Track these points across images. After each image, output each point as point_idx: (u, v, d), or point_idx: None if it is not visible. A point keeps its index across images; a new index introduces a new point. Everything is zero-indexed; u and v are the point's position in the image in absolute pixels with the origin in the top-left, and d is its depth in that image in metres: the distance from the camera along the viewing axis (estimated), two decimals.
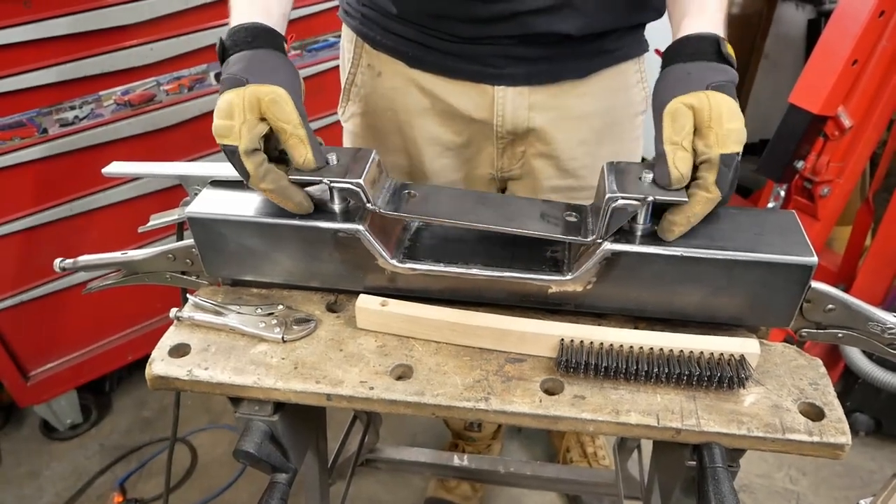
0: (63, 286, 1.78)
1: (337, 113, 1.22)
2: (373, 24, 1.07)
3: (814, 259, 0.71)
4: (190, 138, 1.82)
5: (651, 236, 0.74)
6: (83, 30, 1.54)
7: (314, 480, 1.08)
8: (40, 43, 1.50)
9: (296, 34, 1.88)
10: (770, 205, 1.98)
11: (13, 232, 1.65)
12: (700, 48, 0.75)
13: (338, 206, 0.79)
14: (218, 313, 0.83)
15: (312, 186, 0.78)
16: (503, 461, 1.55)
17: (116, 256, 0.88)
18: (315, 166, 0.74)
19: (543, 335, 0.76)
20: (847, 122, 1.76)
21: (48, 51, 1.52)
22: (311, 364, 0.77)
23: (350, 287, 0.85)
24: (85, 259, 0.88)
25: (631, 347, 0.74)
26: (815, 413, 0.70)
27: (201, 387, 0.77)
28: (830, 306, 0.75)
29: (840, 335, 0.77)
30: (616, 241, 0.73)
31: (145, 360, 0.80)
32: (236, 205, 0.81)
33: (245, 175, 0.74)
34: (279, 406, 0.79)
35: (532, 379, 0.75)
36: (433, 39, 1.02)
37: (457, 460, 1.55)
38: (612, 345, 0.74)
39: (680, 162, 0.68)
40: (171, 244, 0.87)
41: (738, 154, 0.68)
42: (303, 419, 0.87)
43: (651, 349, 0.74)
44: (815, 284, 0.73)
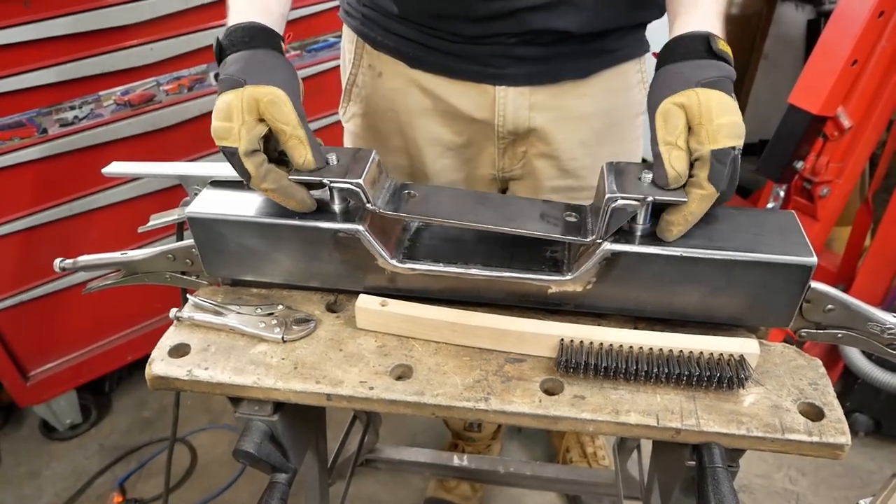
0: (63, 286, 1.78)
1: (337, 113, 1.22)
2: (373, 25, 1.07)
3: (813, 259, 0.71)
4: (190, 138, 1.82)
5: (651, 236, 0.74)
6: (83, 30, 1.54)
7: (314, 480, 1.08)
8: (40, 43, 1.50)
9: (295, 34, 1.88)
10: (769, 205, 1.98)
11: (13, 232, 1.65)
12: (691, 47, 0.74)
13: (338, 207, 0.79)
14: (218, 313, 0.83)
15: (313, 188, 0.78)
16: (503, 461, 1.55)
17: (116, 256, 0.88)
18: (315, 167, 0.74)
19: (543, 335, 0.76)
20: (846, 123, 1.77)
21: (48, 51, 1.52)
22: (311, 364, 0.77)
23: (350, 287, 0.85)
24: (85, 259, 0.88)
25: (631, 347, 0.74)
26: (815, 413, 0.70)
27: (201, 387, 0.77)
28: (830, 306, 0.75)
29: (839, 335, 0.77)
30: (616, 242, 0.73)
31: (145, 360, 0.80)
32: (236, 205, 0.81)
33: (246, 176, 0.74)
34: (279, 406, 0.79)
35: (532, 379, 0.75)
36: (434, 39, 1.02)
37: (456, 460, 1.55)
38: (612, 345, 0.74)
39: (675, 161, 0.68)
40: (171, 244, 0.87)
41: (735, 148, 0.67)
42: (302, 419, 0.87)
43: (651, 349, 0.74)
44: (815, 284, 0.73)
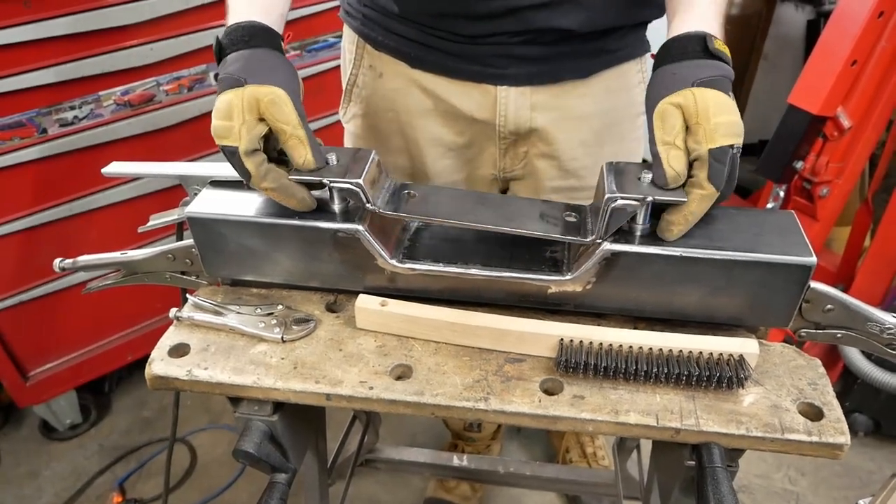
0: (63, 286, 1.78)
1: (337, 113, 1.22)
2: (374, 25, 1.07)
3: (813, 259, 0.71)
4: (190, 138, 1.82)
5: (650, 236, 0.74)
6: (83, 30, 1.54)
7: (313, 480, 1.08)
8: (40, 43, 1.50)
9: (295, 34, 1.88)
10: (769, 205, 1.98)
11: (13, 232, 1.65)
12: (687, 48, 0.74)
13: (337, 207, 0.79)
14: (217, 313, 0.83)
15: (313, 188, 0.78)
16: (503, 461, 1.55)
17: (116, 256, 0.88)
18: (315, 167, 0.74)
19: (543, 335, 0.76)
20: (846, 123, 1.77)
21: (48, 51, 1.52)
22: (311, 364, 0.77)
23: (350, 287, 0.85)
24: (84, 259, 0.88)
25: (630, 347, 0.74)
26: (814, 413, 0.70)
27: (201, 387, 0.77)
28: (829, 306, 0.75)
29: (839, 335, 0.76)
30: (615, 242, 0.73)
31: (145, 360, 0.80)
32: (236, 205, 0.81)
33: (246, 175, 0.74)
34: (278, 406, 0.79)
35: (531, 379, 0.75)
36: (435, 39, 1.02)
37: (456, 460, 1.55)
38: (612, 345, 0.74)
39: (674, 161, 0.68)
40: (171, 244, 0.87)
41: (733, 147, 0.67)
42: (302, 419, 0.87)
43: (650, 349, 0.74)
44: (814, 284, 0.73)
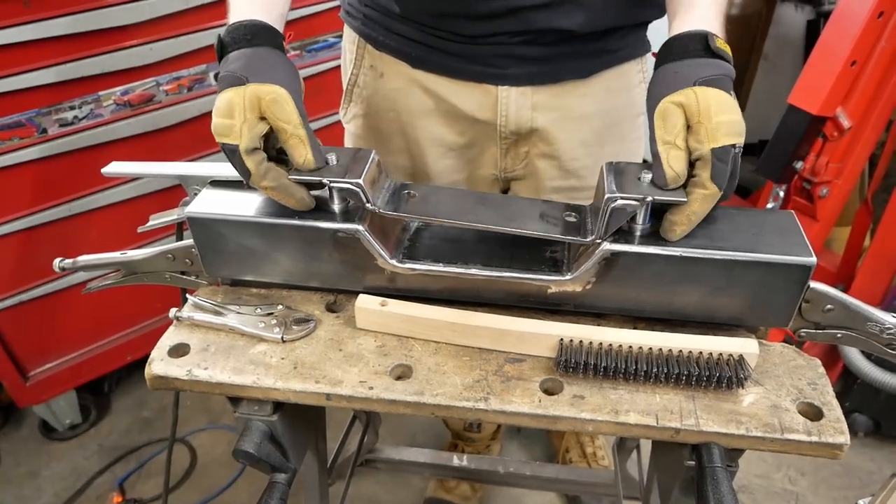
0: (62, 286, 1.78)
1: (338, 113, 1.22)
2: (375, 25, 1.07)
3: (812, 259, 0.71)
4: (189, 138, 1.82)
5: (650, 236, 0.74)
6: (83, 30, 1.54)
7: (313, 480, 1.08)
8: (40, 43, 1.50)
9: (295, 34, 1.88)
10: (769, 205, 1.98)
11: (13, 232, 1.65)
12: (688, 46, 0.73)
13: (337, 207, 0.79)
14: (217, 313, 0.83)
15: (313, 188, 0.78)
16: (502, 461, 1.55)
17: (116, 256, 0.88)
18: (315, 166, 0.74)
19: (543, 335, 0.76)
20: (846, 123, 1.77)
21: (48, 51, 1.51)
22: (311, 364, 0.77)
23: (349, 287, 0.85)
24: (84, 259, 0.88)
25: (630, 347, 0.74)
26: (814, 413, 0.70)
27: (201, 387, 0.77)
28: (829, 306, 0.75)
29: (839, 335, 0.77)
30: (615, 242, 0.73)
31: (145, 361, 0.80)
32: (236, 205, 0.81)
33: (246, 174, 0.74)
34: (278, 406, 0.79)
35: (531, 379, 0.75)
36: (436, 39, 1.02)
37: (456, 460, 1.55)
38: (612, 345, 0.74)
39: (674, 161, 0.68)
40: (171, 244, 0.87)
41: (735, 146, 0.66)
42: (302, 419, 0.87)
43: (650, 349, 0.74)
44: (814, 284, 0.73)
